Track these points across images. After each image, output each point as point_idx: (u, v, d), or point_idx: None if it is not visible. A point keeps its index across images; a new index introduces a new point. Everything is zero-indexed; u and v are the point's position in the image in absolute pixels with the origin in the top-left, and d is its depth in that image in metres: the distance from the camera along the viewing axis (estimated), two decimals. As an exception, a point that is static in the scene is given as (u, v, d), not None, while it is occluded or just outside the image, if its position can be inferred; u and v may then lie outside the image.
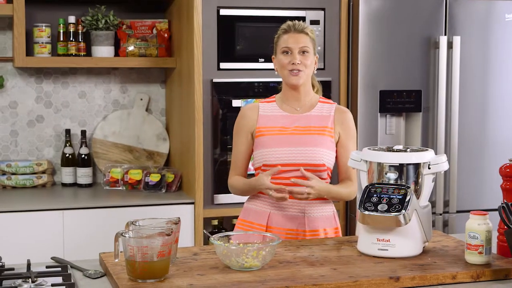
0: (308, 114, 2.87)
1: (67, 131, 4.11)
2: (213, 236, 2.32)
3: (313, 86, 2.94)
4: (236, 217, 3.04)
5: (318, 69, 3.83)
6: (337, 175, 2.92)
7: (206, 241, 3.75)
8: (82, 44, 4.02)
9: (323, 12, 3.87)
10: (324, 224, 2.85)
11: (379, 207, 2.35)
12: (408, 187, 2.37)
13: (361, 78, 3.85)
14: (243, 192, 2.90)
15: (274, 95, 2.95)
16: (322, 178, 2.79)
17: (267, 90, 3.74)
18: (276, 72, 2.90)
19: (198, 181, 3.71)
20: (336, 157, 2.87)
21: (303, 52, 2.82)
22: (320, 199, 2.82)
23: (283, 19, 3.78)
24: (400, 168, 2.40)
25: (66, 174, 4.08)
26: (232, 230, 3.43)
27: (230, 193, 2.97)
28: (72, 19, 4.02)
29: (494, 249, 2.41)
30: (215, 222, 3.87)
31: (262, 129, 2.85)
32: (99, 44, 4.00)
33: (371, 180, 2.45)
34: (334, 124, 2.86)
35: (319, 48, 3.85)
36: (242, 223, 2.89)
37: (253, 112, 2.89)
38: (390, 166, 2.41)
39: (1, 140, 4.11)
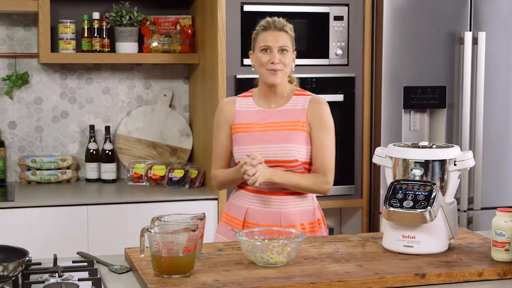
0: (282, 108, 2.83)
1: (91, 127, 4.13)
2: (239, 232, 2.32)
3: (290, 82, 2.92)
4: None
5: (342, 65, 3.86)
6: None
7: (230, 237, 3.76)
8: (106, 40, 4.04)
9: (347, 8, 3.85)
10: (301, 219, 2.80)
11: (404, 204, 2.34)
12: (434, 184, 2.36)
13: (385, 74, 3.83)
14: (233, 181, 2.84)
15: (252, 89, 2.93)
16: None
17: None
18: (253, 69, 2.87)
19: (221, 177, 3.71)
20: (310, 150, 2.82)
21: (282, 50, 2.79)
22: (295, 194, 2.80)
23: (307, 15, 3.80)
24: (425, 165, 2.39)
25: (90, 170, 4.11)
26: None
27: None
28: (96, 15, 4.04)
29: (521, 247, 2.39)
30: (238, 218, 3.88)
31: (237, 125, 2.85)
32: (123, 40, 4.01)
33: (396, 176, 2.44)
34: (307, 117, 2.81)
35: (342, 44, 3.84)
36: (225, 216, 2.91)
37: (231, 107, 2.88)
38: (415, 162, 2.40)
39: (26, 136, 4.14)
